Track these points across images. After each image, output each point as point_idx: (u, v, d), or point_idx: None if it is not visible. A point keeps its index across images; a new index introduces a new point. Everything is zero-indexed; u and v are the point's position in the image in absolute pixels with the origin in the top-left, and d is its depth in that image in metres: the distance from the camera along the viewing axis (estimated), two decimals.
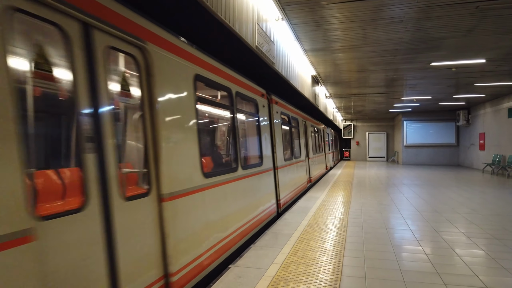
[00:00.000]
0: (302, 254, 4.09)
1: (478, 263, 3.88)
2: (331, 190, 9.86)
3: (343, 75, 11.17)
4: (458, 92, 14.46)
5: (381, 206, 7.32)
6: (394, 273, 3.54)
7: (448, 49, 8.06)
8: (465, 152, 20.52)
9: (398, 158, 23.93)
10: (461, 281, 3.35)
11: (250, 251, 4.24)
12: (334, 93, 15.27)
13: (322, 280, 3.34)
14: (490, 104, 16.74)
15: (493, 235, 5.06)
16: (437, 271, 3.59)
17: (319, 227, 5.45)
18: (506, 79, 11.69)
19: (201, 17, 4.19)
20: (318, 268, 3.65)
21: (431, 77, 11.27)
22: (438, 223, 5.83)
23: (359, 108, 20.45)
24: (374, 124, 26.43)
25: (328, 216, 6.23)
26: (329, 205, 7.36)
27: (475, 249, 4.41)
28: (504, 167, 14.54)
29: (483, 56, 8.67)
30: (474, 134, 18.98)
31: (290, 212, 6.60)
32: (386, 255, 4.14)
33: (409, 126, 22.20)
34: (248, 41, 4.71)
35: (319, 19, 6.30)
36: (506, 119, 15.01)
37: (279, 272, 3.53)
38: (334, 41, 7.54)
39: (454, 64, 9.37)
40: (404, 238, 4.91)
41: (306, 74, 9.97)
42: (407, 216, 6.37)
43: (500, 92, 14.38)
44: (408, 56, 8.69)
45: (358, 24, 6.48)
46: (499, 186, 10.94)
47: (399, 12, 5.90)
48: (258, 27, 5.06)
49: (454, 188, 10.47)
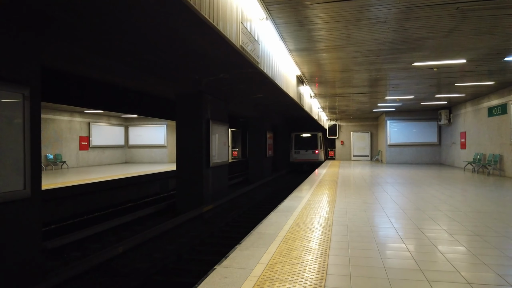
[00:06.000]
0: (287, 254, 4.09)
1: (460, 259, 3.96)
2: (316, 189, 9.91)
3: (328, 75, 11.25)
4: (440, 92, 14.74)
5: (366, 205, 7.40)
6: (378, 271, 3.57)
7: (429, 49, 8.20)
8: (447, 151, 20.94)
9: (382, 157, 24.25)
10: (443, 277, 3.40)
11: (236, 251, 4.22)
12: (319, 93, 15.38)
13: (308, 279, 3.34)
14: (471, 103, 17.11)
15: (474, 232, 5.16)
16: (420, 268, 3.64)
17: (304, 226, 5.46)
18: (485, 79, 11.97)
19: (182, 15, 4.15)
20: (304, 267, 3.66)
21: (413, 77, 11.46)
22: (421, 220, 5.92)
23: (343, 108, 20.64)
24: (358, 123, 26.72)
25: (313, 215, 6.26)
26: (314, 204, 7.40)
27: (457, 245, 4.50)
28: (485, 165, 14.90)
29: (463, 56, 8.84)
30: (455, 133, 19.38)
31: (276, 212, 6.61)
32: (371, 253, 4.17)
33: (393, 126, 22.53)
34: (233, 41, 4.69)
35: (303, 19, 6.32)
36: (486, 118, 15.37)
37: (264, 272, 3.52)
38: (318, 41, 7.58)
39: (436, 64, 9.54)
40: (388, 236, 4.97)
41: (291, 74, 10.00)
42: (391, 214, 6.45)
43: (480, 91, 14.72)
44: (391, 56, 8.80)
45: (342, 24, 6.53)
46: (479, 184, 11.20)
47: (382, 12, 5.97)
48: (242, 26, 5.05)
49: (436, 186, 10.67)
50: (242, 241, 4.66)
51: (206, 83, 10.18)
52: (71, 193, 10.19)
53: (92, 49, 6.26)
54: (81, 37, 5.71)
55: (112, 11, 4.53)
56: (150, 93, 12.56)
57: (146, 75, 9.16)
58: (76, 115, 18.91)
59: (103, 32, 5.49)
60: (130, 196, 12.99)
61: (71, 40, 5.68)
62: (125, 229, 8.94)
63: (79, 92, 9.95)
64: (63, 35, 5.46)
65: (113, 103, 11.67)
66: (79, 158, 19.18)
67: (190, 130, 10.28)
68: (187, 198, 10.34)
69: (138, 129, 23.23)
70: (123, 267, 6.23)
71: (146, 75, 9.16)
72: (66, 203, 10.07)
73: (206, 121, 10.38)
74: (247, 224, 9.09)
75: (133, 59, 7.33)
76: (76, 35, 5.59)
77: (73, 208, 10.32)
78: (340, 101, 17.58)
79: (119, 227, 8.94)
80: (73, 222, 9.00)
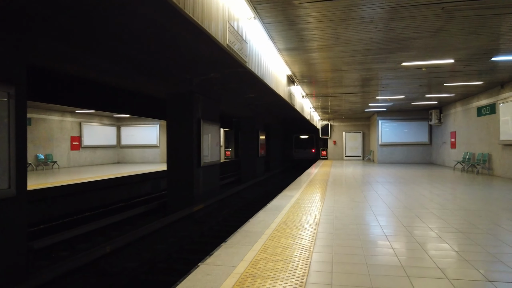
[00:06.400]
0: (272, 251, 4.11)
1: (442, 256, 4.01)
2: (306, 188, 9.95)
3: (318, 75, 11.30)
4: (430, 91, 14.86)
5: (354, 203, 7.45)
6: (360, 267, 3.61)
7: (417, 49, 8.27)
8: (437, 151, 21.12)
9: (373, 157, 24.39)
10: (424, 273, 3.44)
11: (221, 249, 4.23)
12: (311, 93, 15.44)
13: (290, 275, 3.37)
14: (461, 103, 17.28)
15: (459, 229, 5.23)
16: (401, 265, 3.68)
17: (291, 224, 5.50)
18: (474, 79, 12.09)
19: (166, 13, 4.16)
20: (287, 264, 3.68)
21: (403, 77, 11.55)
22: (407, 218, 5.98)
23: (335, 108, 20.73)
24: (350, 123, 26.84)
25: (301, 214, 6.30)
26: (303, 203, 7.44)
27: (440, 243, 4.55)
28: (474, 164, 15.05)
29: (451, 56, 8.93)
30: (445, 132, 19.56)
31: (264, 211, 6.63)
32: (354, 250, 4.21)
33: (384, 126, 22.67)
34: (219, 40, 4.70)
35: (291, 19, 6.35)
36: (475, 118, 15.53)
37: (247, 269, 3.54)
38: (307, 41, 7.61)
39: (424, 64, 9.63)
40: (373, 233, 5.01)
41: (281, 73, 10.04)
42: (378, 212, 6.51)
43: (470, 91, 14.87)
44: (380, 56, 8.87)
45: (330, 24, 6.57)
46: (468, 183, 11.32)
47: (369, 12, 6.01)
48: (229, 25, 5.07)
49: (425, 185, 10.77)
50: (228, 239, 4.67)
51: (197, 82, 10.18)
52: (59, 193, 10.14)
53: (80, 47, 6.24)
54: (68, 35, 5.69)
55: (96, 9, 4.52)
56: (142, 93, 12.53)
57: (137, 74, 9.14)
58: (68, 115, 18.79)
59: (90, 31, 5.48)
60: (121, 196, 12.95)
61: (58, 39, 5.65)
62: (115, 229, 8.91)
63: (69, 91, 9.90)
64: (49, 33, 5.44)
65: (104, 102, 11.62)
66: (70, 158, 19.06)
67: (181, 130, 10.27)
68: (178, 197, 10.32)
69: (130, 129, 23.14)
70: (110, 266, 6.22)
71: (136, 74, 9.14)
72: (54, 203, 10.02)
73: (197, 121, 10.38)
74: (237, 223, 9.11)
75: (122, 58, 7.32)
76: (63, 33, 5.57)
77: (62, 208, 10.26)
78: (332, 101, 17.66)
79: (109, 227, 8.91)
80: (63, 222, 8.96)
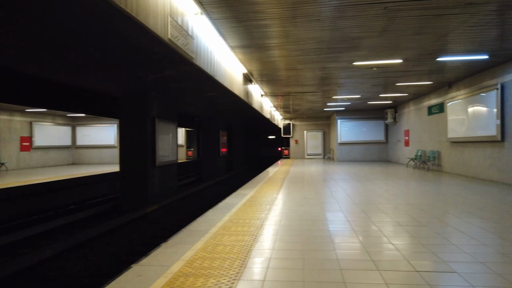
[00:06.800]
0: (212, 249, 4.04)
1: (378, 248, 4.10)
2: (262, 187, 9.97)
3: (275, 74, 11.36)
4: (384, 91, 15.36)
5: (305, 200, 7.53)
6: (297, 262, 3.62)
7: (366, 48, 8.48)
8: (393, 148, 21.89)
9: (333, 155, 24.92)
10: (358, 266, 3.50)
11: (160, 249, 4.11)
12: (270, 92, 15.51)
13: (224, 272, 3.31)
14: (413, 103, 17.99)
15: (398, 222, 5.39)
16: (337, 258, 3.73)
17: (238, 222, 5.45)
18: (424, 79, 12.60)
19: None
20: (224, 261, 3.63)
21: (356, 76, 11.83)
22: (353, 214, 6.10)
23: (296, 107, 20.98)
24: (311, 123, 27.29)
25: (250, 212, 6.27)
26: (255, 201, 7.42)
27: (379, 236, 4.66)
28: (425, 161, 15.72)
29: (399, 56, 9.23)
30: (400, 131, 20.31)
31: (214, 209, 6.56)
32: (295, 245, 4.23)
33: (343, 125, 23.22)
34: (158, 33, 4.57)
35: (240, 15, 6.31)
36: (426, 116, 16.23)
37: (182, 268, 3.45)
38: (258, 38, 7.60)
39: (374, 64, 9.91)
40: (317, 229, 5.06)
41: (236, 71, 9.98)
42: (327, 208, 6.61)
43: (421, 91, 15.50)
44: (332, 55, 9.02)
45: (278, 21, 6.58)
46: (417, 179, 11.79)
47: (315, 10, 6.06)
48: (171, 19, 4.94)
49: (376, 181, 11.10)
50: (169, 239, 4.56)
51: (152, 80, 9.93)
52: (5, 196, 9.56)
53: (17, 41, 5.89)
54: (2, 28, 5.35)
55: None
56: (96, 91, 12.09)
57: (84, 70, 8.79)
58: (17, 114, 17.79)
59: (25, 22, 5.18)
60: (72, 198, 12.40)
61: None
62: (63, 232, 8.51)
63: (13, 88, 9.36)
64: None
65: (55, 101, 11.09)
66: (20, 160, 18.06)
67: (135, 129, 9.99)
68: (131, 198, 10.03)
69: (86, 129, 22.28)
70: (51, 271, 5.91)
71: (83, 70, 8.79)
72: None
73: (151, 119, 10.13)
74: None
75: (67, 52, 6.99)
76: None
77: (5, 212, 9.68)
78: (292, 100, 17.84)
79: (56, 230, 8.50)
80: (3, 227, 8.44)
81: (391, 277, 3.20)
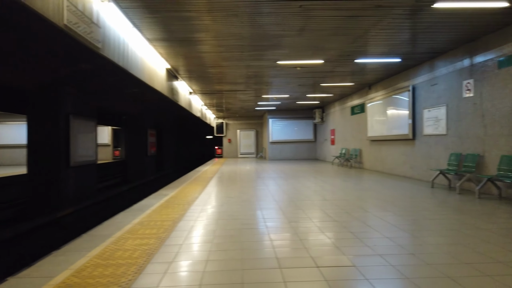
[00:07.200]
0: (109, 255, 3.70)
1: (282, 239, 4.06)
2: (186, 186, 9.65)
3: (203, 70, 11.07)
4: (311, 91, 15.80)
5: (226, 199, 7.38)
6: (198, 264, 3.43)
7: (288, 48, 8.55)
8: (320, 147, 22.73)
9: (265, 154, 25.23)
10: (259, 265, 3.40)
11: (49, 257, 3.67)
12: (200, 90, 15.16)
13: (115, 281, 3.01)
14: (339, 103, 18.79)
15: (310, 217, 5.45)
16: (242, 257, 3.60)
17: (148, 224, 5.12)
18: (347, 80, 13.15)
19: None
20: (118, 268, 3.32)
21: (282, 75, 11.98)
22: (270, 210, 6.08)
23: (228, 106, 20.85)
24: (244, 122, 27.38)
25: (166, 213, 5.96)
26: (174, 201, 7.11)
27: (285, 231, 4.65)
28: (348, 159, 16.48)
29: (320, 56, 9.46)
30: (327, 130, 21.13)
31: (126, 211, 6.13)
32: (203, 246, 4.03)
33: (274, 124, 23.61)
34: (50, 18, 4.09)
35: (153, 5, 5.95)
36: (350, 116, 17.03)
37: (67, 278, 3.08)
38: (176, 32, 7.28)
39: (297, 63, 10.08)
40: (229, 228, 4.92)
41: (158, 66, 9.53)
42: (247, 207, 6.52)
43: (345, 92, 16.21)
44: (255, 53, 8.98)
45: (194, 14, 6.32)
46: (338, 176, 12.27)
47: (230, 4, 5.89)
48: (68, 3, 4.47)
49: (301, 179, 11.34)
50: (64, 245, 4.11)
51: (66, 73, 9.09)
52: None
53: None
54: None
55: None
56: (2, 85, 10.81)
57: None
58: None
59: None
60: None
61: None
62: None
63: None
64: None
65: None
66: None
67: (46, 126, 9.10)
68: (42, 202, 9.12)
69: None
70: None
71: None
72: None
73: (65, 116, 9.30)
74: None
75: None
76: None
77: None
78: (225, 98, 17.65)
79: None
80: None
81: (292, 275, 3.14)
